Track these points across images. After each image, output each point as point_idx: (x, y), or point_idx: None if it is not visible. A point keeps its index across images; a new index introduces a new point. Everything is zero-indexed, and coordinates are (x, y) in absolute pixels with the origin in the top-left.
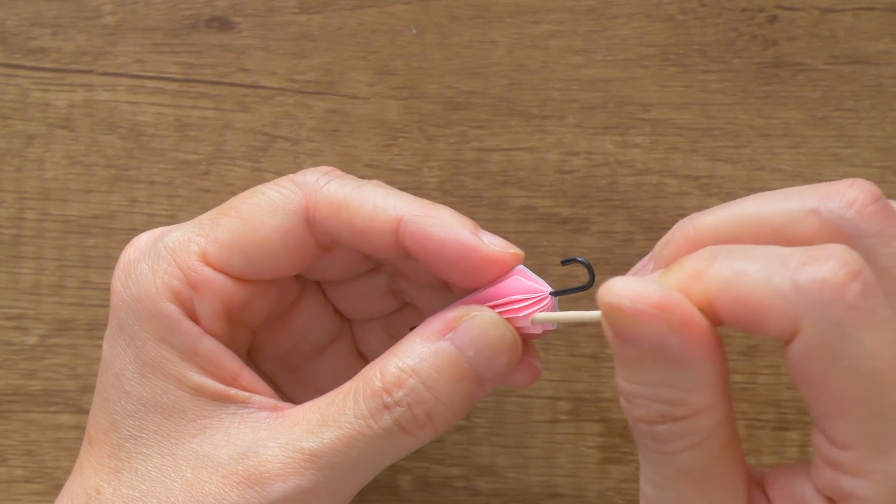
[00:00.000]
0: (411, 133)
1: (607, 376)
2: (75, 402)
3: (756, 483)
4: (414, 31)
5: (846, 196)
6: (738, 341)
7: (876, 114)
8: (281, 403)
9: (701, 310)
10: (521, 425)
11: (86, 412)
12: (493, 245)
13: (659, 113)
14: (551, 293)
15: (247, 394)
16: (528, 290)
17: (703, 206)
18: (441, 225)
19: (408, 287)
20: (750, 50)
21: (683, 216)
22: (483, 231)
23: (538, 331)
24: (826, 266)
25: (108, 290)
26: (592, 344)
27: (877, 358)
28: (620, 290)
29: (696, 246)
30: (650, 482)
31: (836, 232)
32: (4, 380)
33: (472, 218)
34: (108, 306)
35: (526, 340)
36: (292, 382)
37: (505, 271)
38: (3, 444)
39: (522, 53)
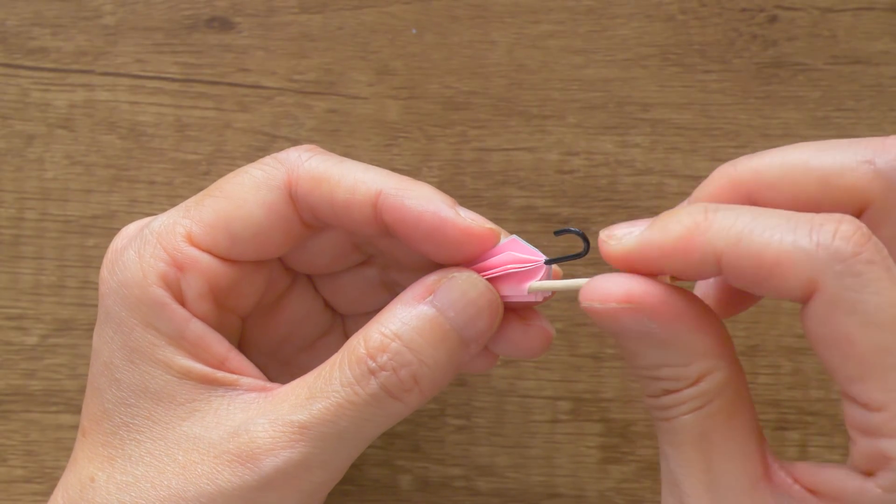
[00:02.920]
0: (411, 133)
1: (607, 376)
2: (75, 402)
3: (782, 467)
4: (414, 31)
5: None
6: (739, 341)
7: (876, 114)
8: (269, 384)
9: (703, 266)
10: (521, 425)
11: None
12: (470, 219)
13: (659, 113)
14: (546, 261)
15: (234, 376)
16: (522, 260)
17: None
18: (418, 198)
19: (400, 279)
20: (750, 50)
21: None
22: (462, 207)
23: (539, 298)
24: (843, 226)
25: None
26: (592, 344)
27: None
28: (589, 293)
29: (735, 188)
30: (663, 455)
31: (889, 185)
32: (4, 380)
33: None
34: None
35: (530, 308)
36: (284, 375)
37: (482, 247)
38: (3, 444)
39: (522, 53)
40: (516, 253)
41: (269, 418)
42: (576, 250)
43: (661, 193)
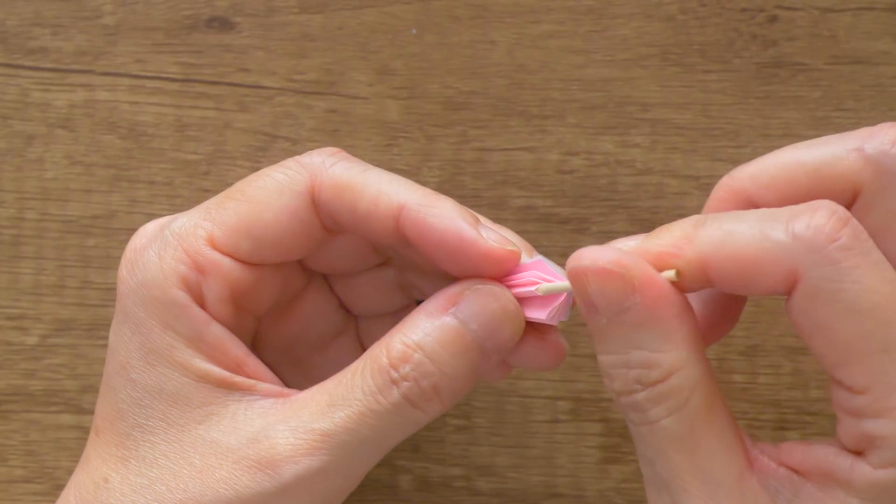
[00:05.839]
0: (411, 133)
1: None
2: (75, 402)
3: (763, 451)
4: (414, 31)
5: (889, 135)
6: (738, 341)
7: (876, 114)
8: (286, 390)
9: (691, 274)
10: (521, 425)
11: (86, 412)
12: (492, 241)
13: (659, 113)
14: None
15: (252, 381)
16: (546, 280)
17: (703, 206)
18: (442, 216)
19: (417, 281)
20: (750, 50)
21: (683, 216)
22: (484, 225)
23: (553, 322)
24: (817, 215)
25: (108, 290)
26: (592, 344)
27: (876, 293)
28: (581, 255)
29: (735, 196)
30: (644, 460)
31: (879, 168)
32: (4, 380)
33: None
34: (108, 306)
35: (545, 328)
36: (295, 375)
37: (502, 269)
38: (3, 444)
39: (522, 53)
40: (540, 273)
41: (290, 425)
42: None
43: (661, 193)
